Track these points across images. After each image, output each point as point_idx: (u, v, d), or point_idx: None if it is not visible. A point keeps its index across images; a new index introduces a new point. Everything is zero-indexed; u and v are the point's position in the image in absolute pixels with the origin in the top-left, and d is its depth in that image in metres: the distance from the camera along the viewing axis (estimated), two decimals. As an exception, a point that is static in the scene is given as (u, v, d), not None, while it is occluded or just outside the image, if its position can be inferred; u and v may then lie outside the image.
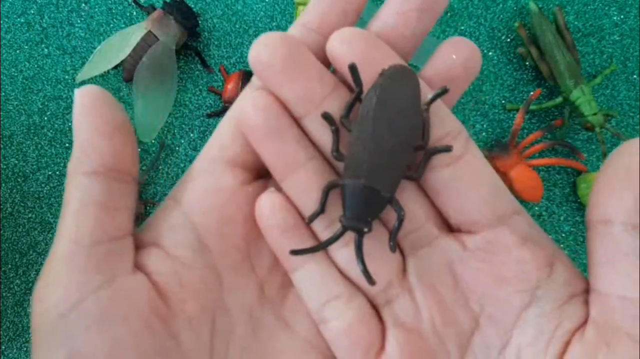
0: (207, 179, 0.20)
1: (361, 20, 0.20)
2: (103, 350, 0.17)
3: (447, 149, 0.18)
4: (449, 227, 0.20)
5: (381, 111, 0.18)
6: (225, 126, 0.20)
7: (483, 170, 0.19)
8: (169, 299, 0.18)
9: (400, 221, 0.18)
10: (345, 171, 0.18)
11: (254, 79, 0.20)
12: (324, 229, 0.19)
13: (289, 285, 0.21)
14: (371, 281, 0.18)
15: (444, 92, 0.18)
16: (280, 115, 0.19)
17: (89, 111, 0.18)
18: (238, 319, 0.20)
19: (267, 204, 0.19)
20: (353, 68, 0.18)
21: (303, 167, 0.19)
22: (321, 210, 0.19)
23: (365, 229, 0.18)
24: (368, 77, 0.18)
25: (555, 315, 0.18)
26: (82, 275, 0.17)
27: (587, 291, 0.19)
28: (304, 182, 0.19)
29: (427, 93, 0.19)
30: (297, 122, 0.19)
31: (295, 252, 0.18)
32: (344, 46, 0.18)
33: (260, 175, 0.21)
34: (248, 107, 0.19)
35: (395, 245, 0.18)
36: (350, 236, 0.19)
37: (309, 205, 0.19)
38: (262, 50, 0.18)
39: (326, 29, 0.19)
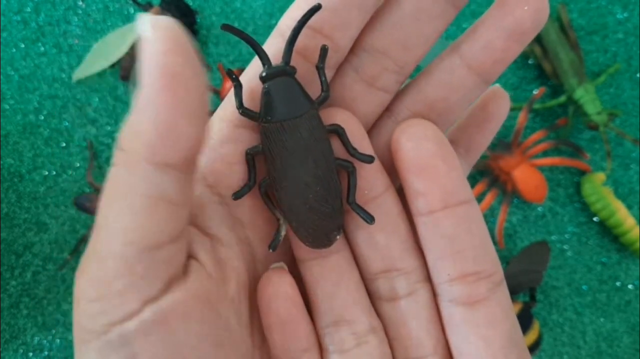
0: (230, 147, 0.18)
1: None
2: (162, 354, 0.15)
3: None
4: None
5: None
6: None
7: (502, 320, 0.18)
8: (214, 282, 0.17)
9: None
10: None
11: (247, 69, 0.19)
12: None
13: None
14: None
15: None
16: None
17: (172, 74, 0.13)
18: None
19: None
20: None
21: None
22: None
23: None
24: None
25: None
26: (141, 282, 0.15)
27: None
28: None
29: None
30: None
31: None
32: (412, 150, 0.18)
33: None
34: None
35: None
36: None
37: None
38: None
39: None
